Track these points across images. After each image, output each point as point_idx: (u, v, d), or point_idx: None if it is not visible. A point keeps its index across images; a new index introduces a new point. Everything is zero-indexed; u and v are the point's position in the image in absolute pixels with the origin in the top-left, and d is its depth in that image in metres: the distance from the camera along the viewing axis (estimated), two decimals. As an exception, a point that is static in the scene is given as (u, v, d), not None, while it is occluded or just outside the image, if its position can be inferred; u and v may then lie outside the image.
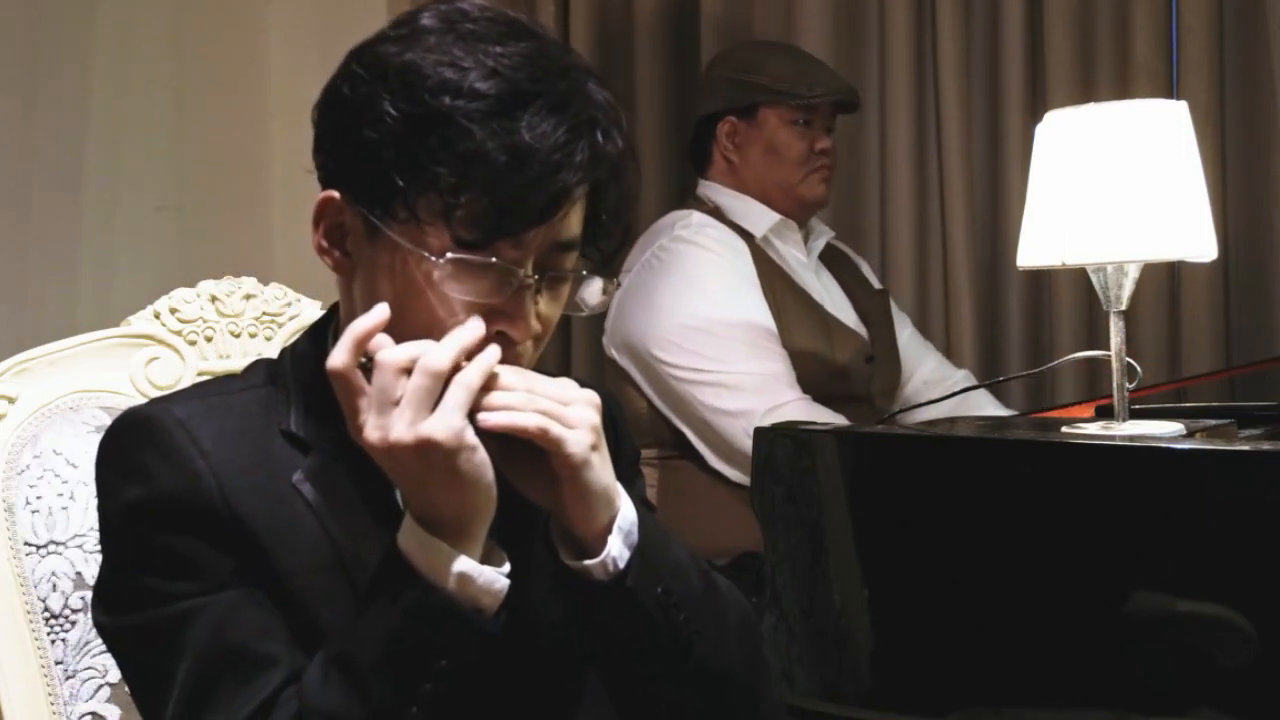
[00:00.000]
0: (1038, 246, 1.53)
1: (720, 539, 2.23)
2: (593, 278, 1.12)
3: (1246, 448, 1.43)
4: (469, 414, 0.99)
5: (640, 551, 1.06)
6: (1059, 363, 2.35)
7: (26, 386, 1.41)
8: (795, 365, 2.31)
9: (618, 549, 1.05)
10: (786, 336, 2.33)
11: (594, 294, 1.13)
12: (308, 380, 1.10)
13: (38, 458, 1.38)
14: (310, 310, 1.54)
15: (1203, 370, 2.49)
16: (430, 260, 1.03)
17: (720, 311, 2.31)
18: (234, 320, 1.51)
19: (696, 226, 2.41)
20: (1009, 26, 2.68)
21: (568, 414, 1.02)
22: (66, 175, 2.48)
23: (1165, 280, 2.58)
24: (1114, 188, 1.46)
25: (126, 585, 1.07)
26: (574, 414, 1.02)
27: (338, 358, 1.00)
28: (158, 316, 1.49)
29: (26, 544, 1.36)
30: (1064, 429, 1.52)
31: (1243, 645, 1.33)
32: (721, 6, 2.83)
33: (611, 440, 1.23)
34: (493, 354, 1.01)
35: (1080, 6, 2.63)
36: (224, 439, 1.08)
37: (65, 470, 1.39)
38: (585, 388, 1.06)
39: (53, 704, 1.35)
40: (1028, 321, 2.74)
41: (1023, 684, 1.45)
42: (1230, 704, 1.34)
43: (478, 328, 1.02)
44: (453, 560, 1.00)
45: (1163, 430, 1.48)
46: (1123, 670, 1.39)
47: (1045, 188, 1.52)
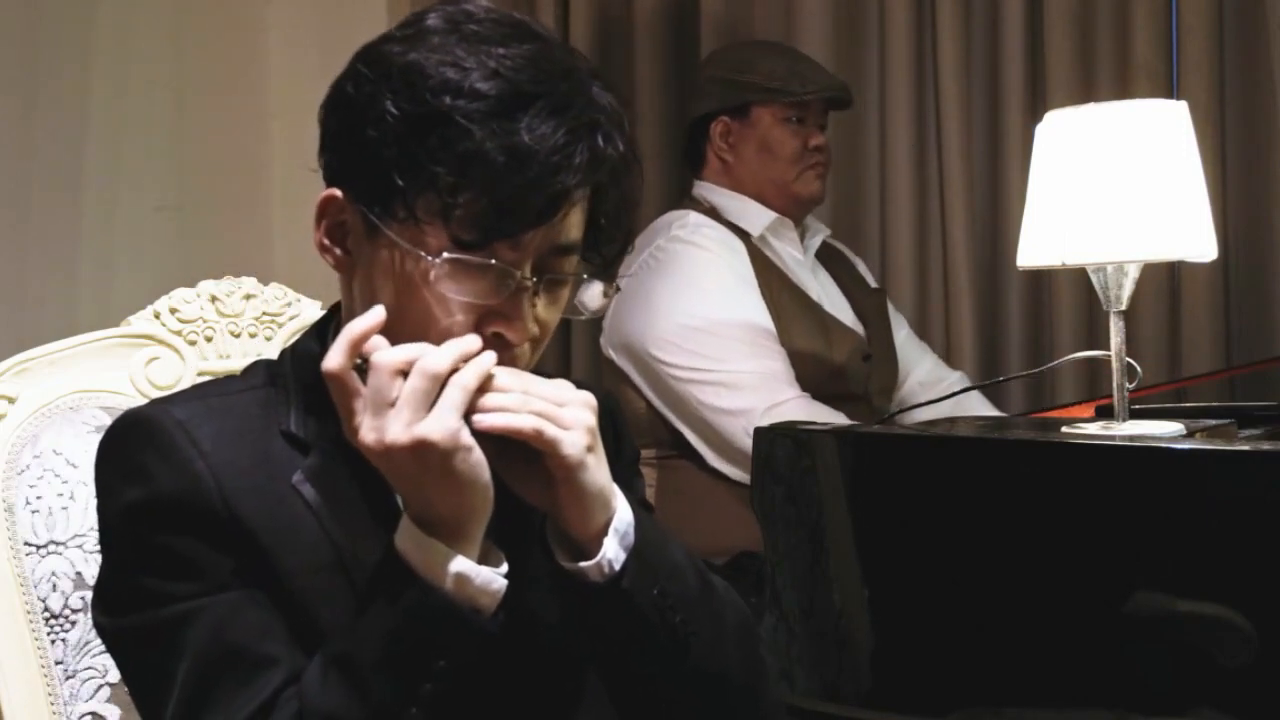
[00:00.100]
0: (1038, 246, 1.53)
1: (718, 538, 2.23)
2: (593, 281, 1.11)
3: (1246, 448, 1.43)
4: (465, 415, 0.99)
5: (636, 553, 1.06)
6: (1059, 363, 2.34)
7: (26, 386, 1.41)
8: (793, 364, 2.31)
9: (613, 551, 1.05)
10: (784, 335, 2.33)
11: (594, 298, 1.12)
12: (308, 380, 1.10)
13: (38, 458, 1.38)
14: (310, 310, 1.54)
15: (1203, 370, 2.49)
16: (427, 260, 1.03)
17: (719, 311, 2.31)
18: (234, 320, 1.51)
19: (693, 226, 2.41)
20: (1009, 26, 2.68)
21: (563, 415, 1.02)
22: (66, 175, 2.48)
23: (1165, 280, 2.58)
24: (1114, 188, 1.46)
25: (126, 586, 1.07)
26: (569, 415, 1.02)
27: (333, 359, 1.00)
28: (158, 316, 1.49)
29: (26, 544, 1.36)
30: (1064, 429, 1.52)
31: (1243, 645, 1.33)
32: (721, 6, 2.83)
33: (611, 440, 1.23)
34: (489, 357, 1.01)
35: (1080, 6, 2.63)
36: (223, 440, 1.08)
37: (65, 470, 1.39)
38: (585, 389, 1.06)
39: (53, 704, 1.34)
40: (1028, 321, 2.73)
41: (1023, 684, 1.45)
42: (1230, 704, 1.34)
43: (476, 339, 1.02)
44: (450, 560, 1.00)
45: (1163, 430, 1.48)
46: (1123, 670, 1.39)
47: (1045, 188, 1.52)
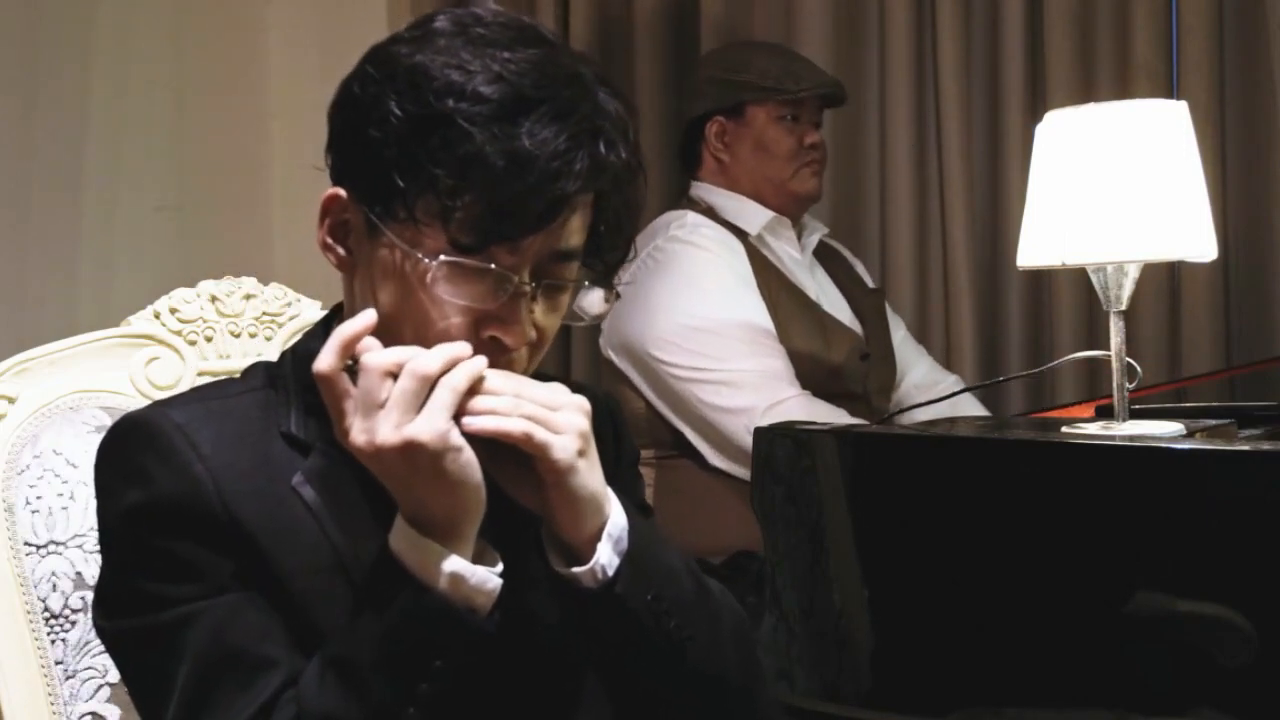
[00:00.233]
0: (1038, 246, 1.52)
1: (717, 538, 2.23)
2: (593, 287, 1.11)
3: (1246, 448, 1.43)
4: (456, 417, 0.99)
5: (630, 558, 1.05)
6: (1059, 363, 2.35)
7: (26, 386, 1.41)
8: (791, 363, 2.31)
9: (607, 556, 1.05)
10: (782, 334, 2.33)
11: (594, 304, 1.12)
12: (308, 381, 1.10)
13: (38, 458, 1.38)
14: (310, 310, 1.54)
15: (1203, 370, 2.49)
16: (425, 262, 1.03)
17: (718, 310, 2.31)
18: (234, 320, 1.51)
19: (691, 226, 2.41)
20: (1009, 26, 2.68)
21: (555, 419, 1.01)
22: (66, 175, 2.48)
23: (1165, 280, 2.58)
24: (1114, 188, 1.46)
25: (126, 589, 1.07)
26: (562, 419, 1.02)
27: (324, 361, 1.00)
28: (158, 316, 1.49)
29: (26, 544, 1.36)
30: (1064, 429, 1.52)
31: (1243, 645, 1.33)
32: (721, 7, 2.83)
33: (611, 442, 1.23)
34: (480, 361, 1.01)
35: (1080, 6, 2.63)
36: (223, 442, 1.08)
37: (65, 470, 1.39)
38: (586, 391, 1.06)
39: (53, 704, 1.35)
40: (1028, 321, 2.73)
41: (1023, 684, 1.45)
42: (1230, 704, 1.34)
43: (466, 346, 1.01)
44: (444, 560, 1.00)
45: (1163, 430, 1.48)
46: (1123, 670, 1.38)
47: (1045, 188, 1.52)
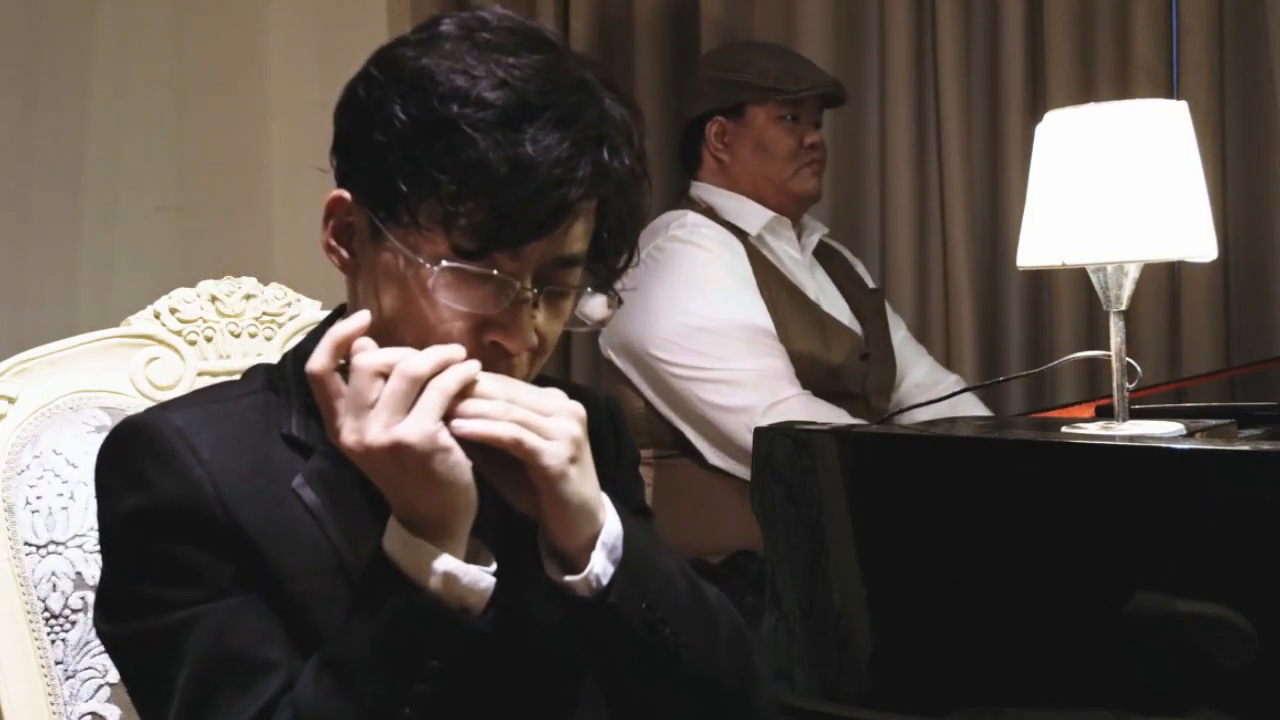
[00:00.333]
0: (1038, 246, 1.52)
1: (716, 537, 2.24)
2: (596, 293, 1.11)
3: (1246, 448, 1.43)
4: (446, 420, 0.99)
5: (625, 566, 1.05)
6: (1059, 363, 2.34)
7: (26, 386, 1.41)
8: (790, 362, 2.31)
9: (601, 565, 1.04)
10: (781, 334, 2.33)
11: (597, 309, 1.11)
12: (309, 383, 1.10)
13: (38, 458, 1.38)
14: (310, 310, 1.54)
15: (1203, 370, 2.49)
16: (427, 267, 1.03)
17: (719, 310, 2.31)
18: (234, 320, 1.51)
19: (691, 226, 2.41)
20: (1009, 26, 2.68)
21: (547, 425, 1.01)
22: (66, 175, 2.48)
23: (1165, 280, 2.58)
24: (1114, 188, 1.46)
25: (127, 593, 1.07)
26: (553, 425, 1.01)
27: (316, 360, 1.00)
28: (158, 316, 1.49)
29: (26, 544, 1.36)
30: (1064, 429, 1.52)
31: (1243, 645, 1.33)
32: (721, 7, 2.83)
33: (612, 444, 1.23)
34: (473, 365, 1.01)
35: (1080, 6, 2.63)
36: (222, 446, 1.08)
37: (65, 470, 1.38)
38: (588, 394, 1.05)
39: (53, 704, 1.34)
40: (1028, 321, 2.73)
41: (1023, 684, 1.45)
42: (1230, 704, 1.34)
43: (460, 348, 1.01)
44: (437, 560, 1.00)
45: (1163, 430, 1.48)
46: (1123, 670, 1.38)
47: (1045, 188, 1.52)
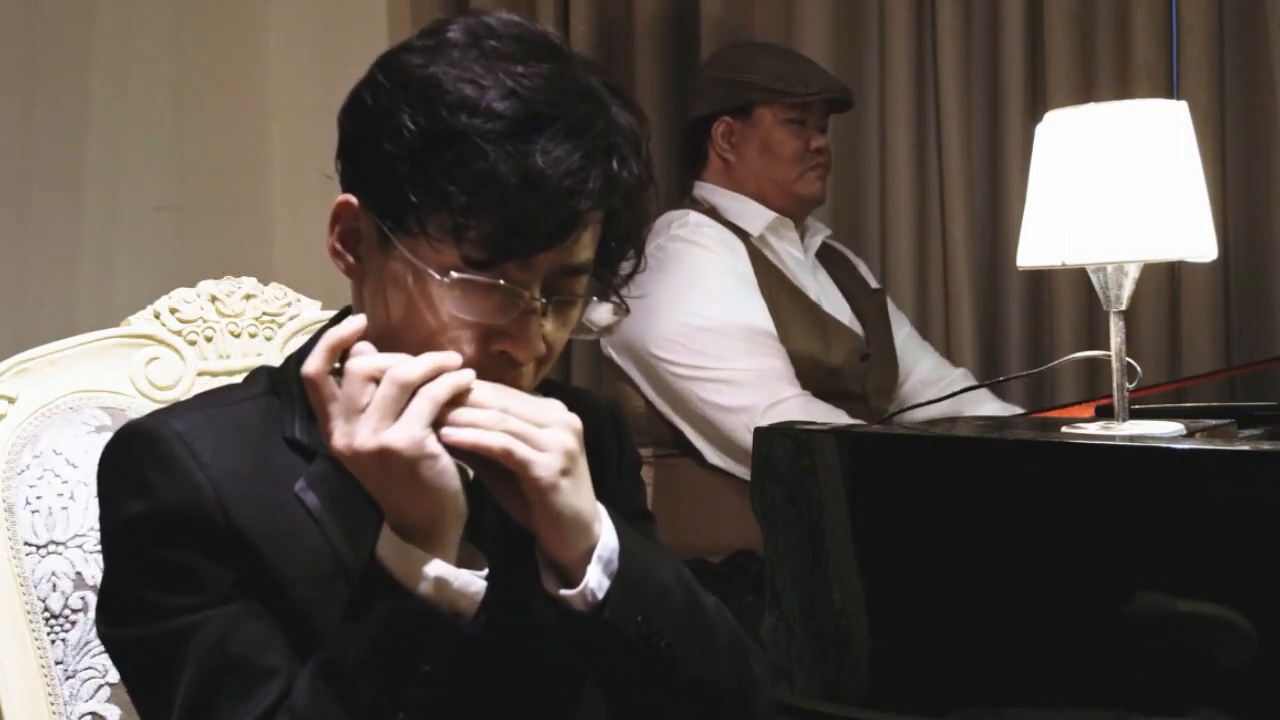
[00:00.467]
0: (1038, 246, 1.53)
1: (716, 537, 2.24)
2: (602, 301, 1.10)
3: (1246, 448, 1.43)
4: (437, 427, 0.98)
5: (620, 579, 1.04)
6: (1059, 363, 2.34)
7: (26, 386, 1.41)
8: (791, 363, 2.31)
9: (596, 579, 1.04)
10: (782, 334, 2.33)
11: (603, 316, 1.11)
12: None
13: (38, 458, 1.38)
14: (310, 310, 1.54)
15: (1203, 370, 2.49)
16: (436, 277, 1.02)
17: (720, 310, 2.31)
18: (234, 320, 1.51)
19: (694, 226, 2.41)
20: (1009, 26, 2.68)
21: (540, 436, 1.00)
22: (66, 175, 2.48)
23: (1165, 280, 2.58)
24: (1114, 188, 1.46)
25: (128, 598, 1.07)
26: (547, 437, 1.01)
27: (311, 364, 1.00)
28: (158, 316, 1.49)
29: (26, 544, 1.36)
30: (1064, 429, 1.52)
31: (1243, 645, 1.33)
32: (721, 7, 2.83)
33: (614, 448, 1.22)
34: (466, 373, 1.01)
35: (1080, 6, 2.63)
36: (223, 450, 1.08)
37: (65, 470, 1.38)
38: (591, 398, 1.05)
39: (53, 704, 1.34)
40: (1028, 321, 2.73)
41: (1023, 684, 1.45)
42: (1230, 704, 1.34)
43: (456, 356, 1.01)
44: (427, 565, 1.00)
45: (1163, 430, 1.48)
46: (1123, 670, 1.38)
47: (1045, 188, 1.52)
